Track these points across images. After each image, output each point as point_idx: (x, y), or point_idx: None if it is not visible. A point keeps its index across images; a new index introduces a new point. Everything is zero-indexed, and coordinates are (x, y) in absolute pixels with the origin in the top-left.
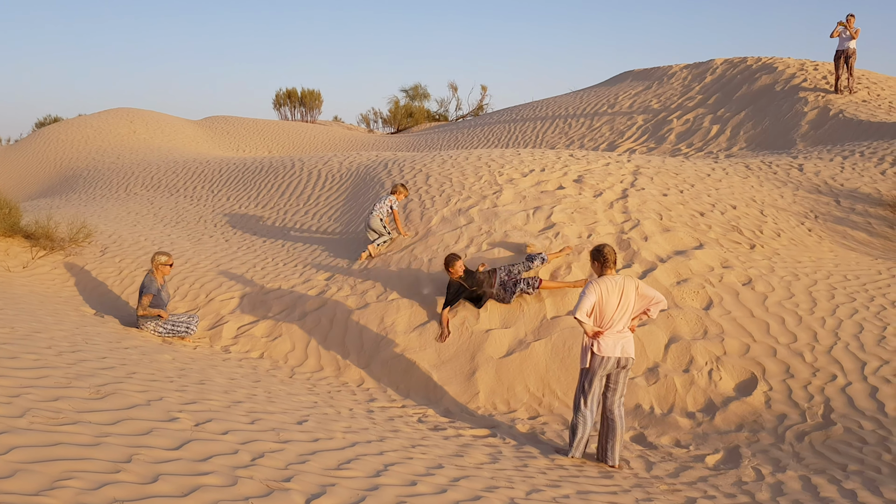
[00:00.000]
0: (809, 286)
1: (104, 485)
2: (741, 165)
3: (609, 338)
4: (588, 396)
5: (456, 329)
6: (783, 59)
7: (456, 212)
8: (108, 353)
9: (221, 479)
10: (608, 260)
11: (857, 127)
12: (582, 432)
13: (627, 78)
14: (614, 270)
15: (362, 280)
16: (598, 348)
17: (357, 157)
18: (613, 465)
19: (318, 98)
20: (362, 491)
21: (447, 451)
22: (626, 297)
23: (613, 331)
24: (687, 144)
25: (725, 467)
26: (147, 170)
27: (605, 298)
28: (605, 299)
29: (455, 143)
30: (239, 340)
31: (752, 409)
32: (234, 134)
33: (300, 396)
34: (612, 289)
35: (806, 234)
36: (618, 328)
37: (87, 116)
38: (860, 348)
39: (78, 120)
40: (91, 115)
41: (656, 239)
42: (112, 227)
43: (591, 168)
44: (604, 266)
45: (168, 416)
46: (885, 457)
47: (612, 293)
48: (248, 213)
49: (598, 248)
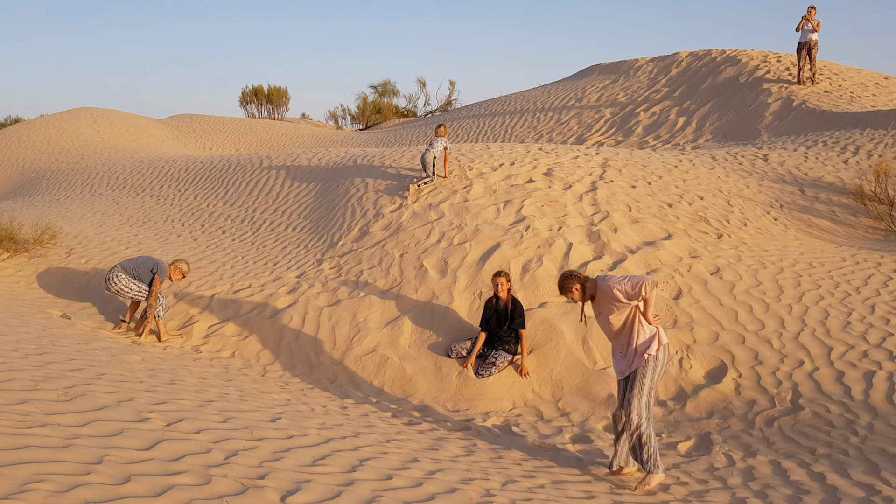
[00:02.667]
0: (776, 274)
1: (75, 487)
2: (707, 157)
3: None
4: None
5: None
6: (747, 51)
7: (426, 207)
8: (76, 355)
9: (195, 478)
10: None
11: (819, 117)
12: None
13: (594, 72)
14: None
15: (334, 277)
16: (664, 336)
17: (326, 153)
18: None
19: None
20: (338, 486)
21: (422, 444)
22: None
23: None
24: (654, 137)
25: (697, 454)
26: (112, 170)
27: None
28: None
29: (424, 138)
30: (209, 340)
31: (723, 396)
32: (200, 132)
33: (273, 394)
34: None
35: (772, 224)
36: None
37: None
38: (826, 334)
39: (40, 120)
40: (53, 115)
41: (626, 230)
42: (77, 228)
43: (561, 161)
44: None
45: (139, 417)
46: (853, 440)
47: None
48: (216, 212)
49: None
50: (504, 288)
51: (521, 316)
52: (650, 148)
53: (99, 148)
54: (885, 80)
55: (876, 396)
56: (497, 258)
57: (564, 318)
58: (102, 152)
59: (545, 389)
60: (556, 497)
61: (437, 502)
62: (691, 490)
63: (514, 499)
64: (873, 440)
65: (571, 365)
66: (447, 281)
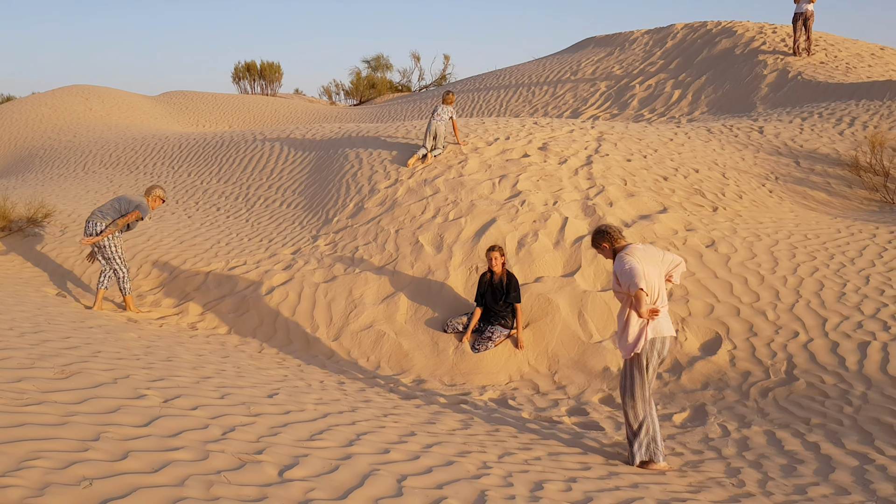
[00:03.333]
0: (771, 246)
1: (72, 464)
2: (703, 129)
3: (662, 315)
4: (647, 390)
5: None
6: (742, 22)
7: (421, 182)
8: (72, 333)
9: (192, 453)
10: (615, 234)
11: (815, 89)
12: (657, 431)
13: (589, 45)
14: (626, 241)
15: (329, 253)
16: (658, 330)
17: (320, 129)
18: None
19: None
20: (335, 460)
21: (419, 418)
22: (660, 266)
23: (662, 306)
24: (649, 110)
25: (692, 425)
26: (105, 147)
27: (646, 269)
28: (646, 270)
29: (419, 113)
30: (206, 317)
31: (718, 367)
32: (192, 109)
33: (270, 370)
34: (645, 257)
35: (767, 196)
36: (665, 302)
37: (41, 94)
38: (821, 305)
39: (31, 98)
40: (45, 93)
41: (621, 204)
42: (71, 207)
43: (556, 135)
44: (615, 242)
45: (136, 394)
46: (847, 409)
47: (647, 262)
48: (210, 189)
49: (598, 229)
50: (498, 262)
51: (515, 290)
52: (646, 121)
53: (92, 126)
54: (881, 51)
55: (870, 367)
56: (492, 233)
57: (560, 293)
58: (95, 130)
59: (541, 363)
60: (552, 469)
61: (435, 475)
62: (686, 461)
63: (511, 471)
64: (867, 410)
65: (567, 339)
66: (443, 256)
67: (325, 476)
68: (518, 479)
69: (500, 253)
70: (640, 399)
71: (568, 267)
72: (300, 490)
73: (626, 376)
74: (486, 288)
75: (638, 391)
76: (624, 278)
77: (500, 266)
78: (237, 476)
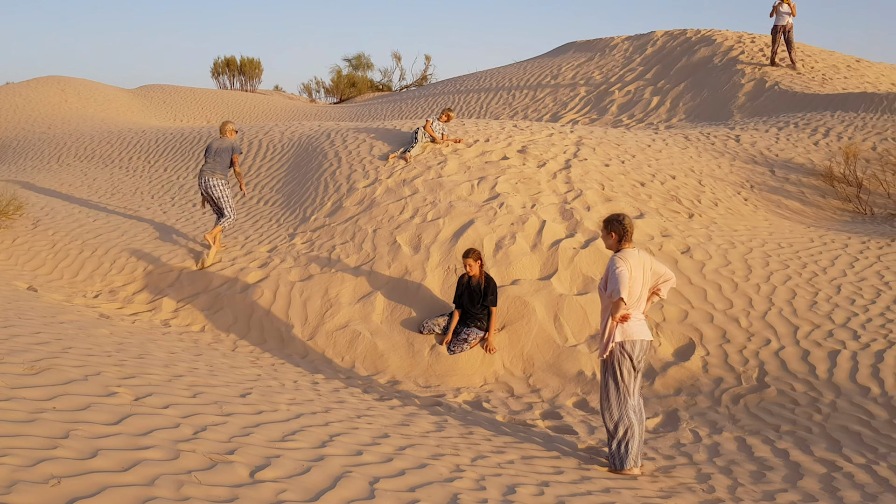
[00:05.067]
0: (745, 254)
1: (41, 461)
2: (680, 136)
3: (635, 320)
4: (625, 391)
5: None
6: (721, 31)
7: (400, 182)
8: (43, 328)
9: (163, 453)
10: (628, 232)
11: (791, 99)
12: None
13: (570, 49)
14: (631, 245)
15: (306, 252)
16: (627, 333)
17: (299, 127)
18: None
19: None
20: (308, 462)
21: (393, 420)
22: (647, 275)
23: (639, 312)
24: (628, 116)
25: (664, 430)
26: (80, 140)
27: (633, 275)
28: (633, 276)
29: (399, 113)
30: (179, 314)
31: (691, 373)
32: (170, 103)
33: (243, 369)
34: (636, 265)
35: (742, 204)
36: (641, 309)
37: (15, 85)
38: (793, 313)
39: (5, 88)
40: (19, 83)
41: (599, 209)
42: (44, 200)
43: (535, 139)
44: (623, 239)
45: (106, 391)
46: (816, 417)
47: (637, 269)
48: (186, 185)
49: (618, 217)
50: (473, 268)
51: (493, 293)
52: (624, 126)
53: (67, 117)
54: (856, 63)
55: (840, 375)
56: (470, 235)
57: (537, 296)
58: (70, 122)
59: (516, 366)
60: (525, 472)
61: (408, 478)
62: (658, 466)
63: (484, 474)
64: (836, 418)
65: (543, 342)
66: (420, 257)
67: (296, 477)
68: (491, 482)
69: (474, 258)
70: (615, 401)
71: (545, 270)
72: (271, 491)
73: (601, 379)
74: (464, 290)
75: (612, 393)
76: (612, 281)
77: (478, 269)
78: (208, 476)
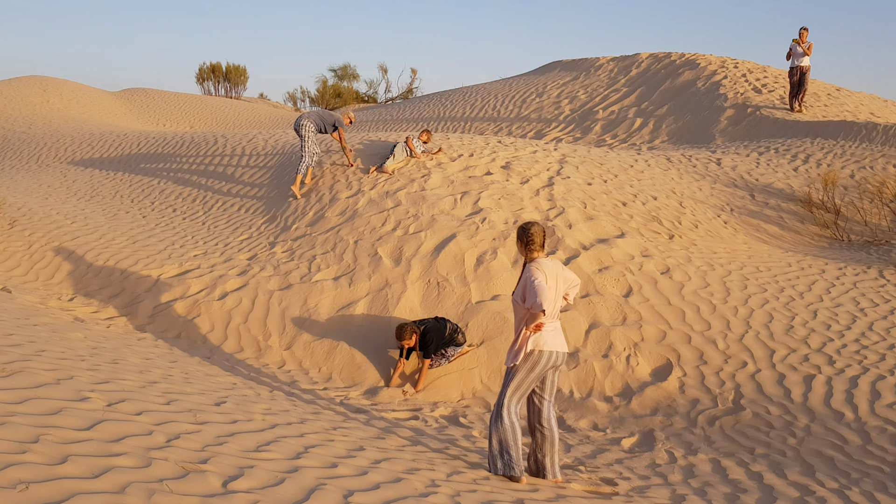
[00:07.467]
0: (724, 276)
1: (9, 465)
2: (662, 158)
3: (549, 330)
4: (517, 401)
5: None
6: (705, 55)
7: (383, 194)
8: (15, 330)
9: (135, 460)
10: (534, 242)
11: (772, 124)
12: (515, 441)
13: (556, 68)
14: (543, 253)
15: (286, 261)
16: (539, 343)
17: (283, 135)
18: (557, 479)
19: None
20: (281, 473)
21: (369, 433)
22: (560, 282)
23: (555, 321)
24: (611, 135)
25: (640, 450)
26: (61, 141)
27: (548, 284)
28: (548, 285)
29: (384, 125)
30: (155, 320)
31: (667, 393)
32: (153, 107)
33: (219, 377)
34: (550, 273)
35: (722, 227)
36: (556, 317)
37: None
38: (770, 337)
39: None
40: (1, 82)
41: (580, 227)
42: (22, 200)
43: (519, 155)
44: (529, 248)
45: (79, 396)
46: (790, 441)
47: (552, 279)
48: (167, 190)
49: (525, 226)
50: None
51: (428, 345)
52: (607, 146)
53: (48, 118)
54: (836, 92)
55: (814, 399)
56: (452, 249)
57: None
58: (51, 123)
59: (494, 381)
60: (500, 489)
61: (382, 491)
62: (633, 486)
63: (459, 489)
64: (810, 442)
65: None
66: (401, 269)
67: (270, 489)
68: (466, 498)
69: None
70: (506, 409)
71: None
72: (244, 502)
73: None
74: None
75: (506, 400)
76: (531, 293)
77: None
78: (180, 485)
